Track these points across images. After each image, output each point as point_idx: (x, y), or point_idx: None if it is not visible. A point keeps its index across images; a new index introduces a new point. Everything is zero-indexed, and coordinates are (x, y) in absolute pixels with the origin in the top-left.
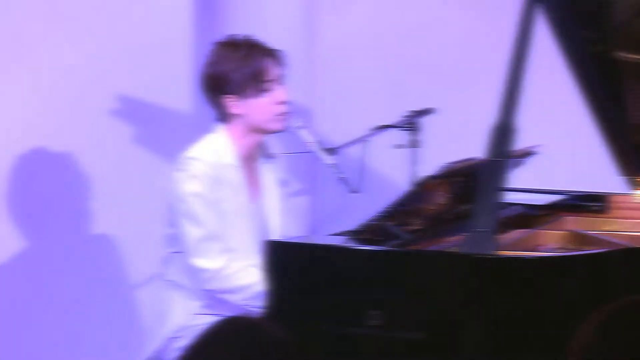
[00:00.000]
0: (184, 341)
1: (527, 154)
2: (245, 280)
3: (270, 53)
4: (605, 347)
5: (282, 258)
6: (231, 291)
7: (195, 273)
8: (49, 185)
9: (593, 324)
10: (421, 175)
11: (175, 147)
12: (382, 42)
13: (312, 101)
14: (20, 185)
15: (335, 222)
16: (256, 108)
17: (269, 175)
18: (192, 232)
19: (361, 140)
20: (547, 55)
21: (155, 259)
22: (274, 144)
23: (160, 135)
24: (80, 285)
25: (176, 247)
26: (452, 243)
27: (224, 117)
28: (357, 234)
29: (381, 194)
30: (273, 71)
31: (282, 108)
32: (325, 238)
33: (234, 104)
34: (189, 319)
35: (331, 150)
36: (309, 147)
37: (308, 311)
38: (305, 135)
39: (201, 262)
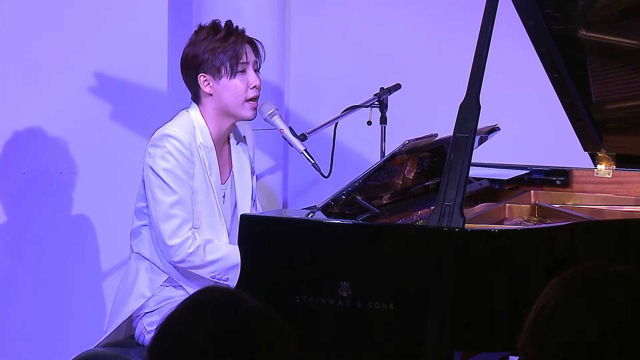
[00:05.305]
0: (155, 316)
1: (492, 130)
2: (213, 254)
3: (248, 40)
4: (577, 306)
5: (256, 232)
6: (199, 266)
7: (162, 243)
8: (26, 161)
9: (562, 287)
10: (389, 151)
11: (150, 125)
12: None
13: (284, 86)
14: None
15: (307, 197)
16: (228, 89)
17: (241, 156)
18: (164, 199)
19: (331, 122)
20: (513, 33)
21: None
22: (247, 124)
23: (136, 113)
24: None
25: (145, 220)
26: (420, 216)
27: (197, 96)
28: (328, 208)
29: (352, 170)
30: (248, 56)
31: (253, 93)
32: (297, 212)
33: (207, 84)
34: (155, 291)
35: (302, 136)
36: (281, 134)
37: (281, 283)
38: (277, 122)
39: (168, 229)
